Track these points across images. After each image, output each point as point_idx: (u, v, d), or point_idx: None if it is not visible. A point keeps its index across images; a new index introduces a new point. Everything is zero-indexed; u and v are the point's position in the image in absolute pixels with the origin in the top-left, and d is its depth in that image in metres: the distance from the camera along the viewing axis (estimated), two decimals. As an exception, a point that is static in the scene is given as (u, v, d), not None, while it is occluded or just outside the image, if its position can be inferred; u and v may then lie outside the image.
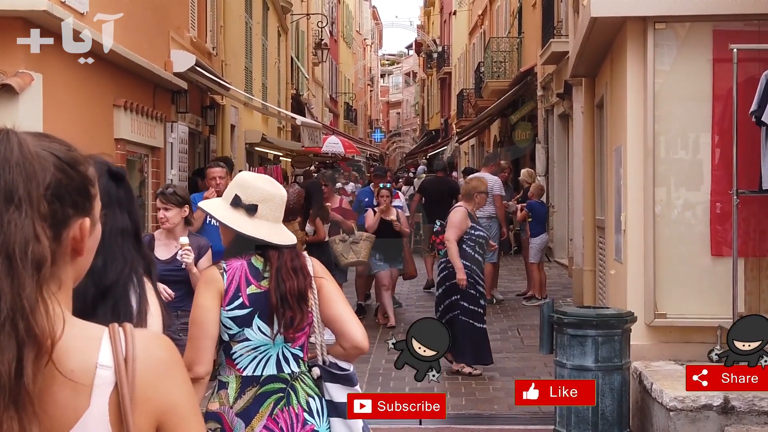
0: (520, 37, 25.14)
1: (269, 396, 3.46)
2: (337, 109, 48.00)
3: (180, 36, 13.57)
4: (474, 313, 9.04)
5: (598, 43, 8.99)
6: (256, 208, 3.51)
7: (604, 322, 6.65)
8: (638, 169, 7.85)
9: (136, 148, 11.45)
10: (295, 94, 28.60)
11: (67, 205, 1.43)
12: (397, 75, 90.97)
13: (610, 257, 9.33)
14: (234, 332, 3.43)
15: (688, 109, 7.86)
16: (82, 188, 1.46)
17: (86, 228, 1.46)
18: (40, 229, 1.37)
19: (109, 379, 1.42)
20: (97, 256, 1.53)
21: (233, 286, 3.44)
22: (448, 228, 9.10)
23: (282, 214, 3.61)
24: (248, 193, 3.53)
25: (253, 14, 21.16)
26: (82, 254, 1.47)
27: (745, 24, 7.66)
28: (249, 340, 3.44)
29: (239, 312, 3.42)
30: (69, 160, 1.44)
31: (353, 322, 3.57)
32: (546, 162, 19.50)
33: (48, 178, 1.39)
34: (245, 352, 3.45)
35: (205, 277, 3.51)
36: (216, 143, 16.52)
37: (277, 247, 3.50)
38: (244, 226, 3.50)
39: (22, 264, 1.34)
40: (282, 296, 3.44)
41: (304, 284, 3.49)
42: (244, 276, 3.46)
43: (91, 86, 9.83)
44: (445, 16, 50.65)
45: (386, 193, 11.70)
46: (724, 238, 7.78)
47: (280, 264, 3.48)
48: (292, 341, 3.49)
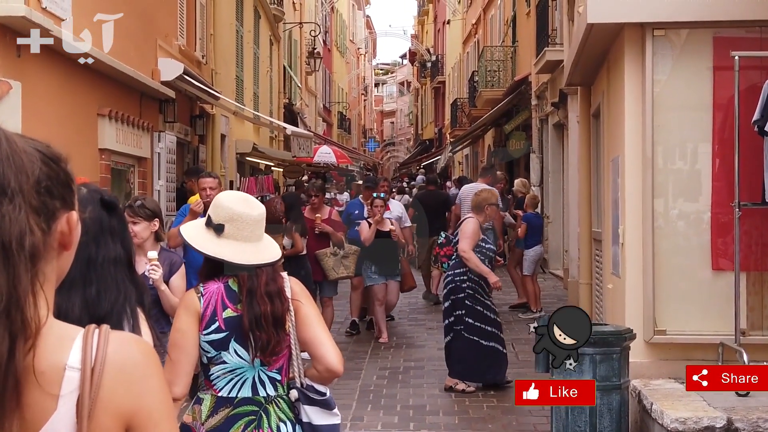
0: (514, 46, 24.98)
1: (241, 418, 3.47)
2: (331, 118, 47.81)
3: (168, 44, 13.32)
4: (480, 330, 8.75)
5: (594, 50, 8.74)
6: (222, 227, 3.49)
7: (602, 340, 6.44)
8: (637, 180, 7.61)
9: (121, 158, 11.19)
10: (288, 103, 28.38)
11: (56, 198, 1.43)
12: (391, 84, 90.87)
13: (607, 271, 9.08)
14: (212, 355, 3.46)
15: (688, 118, 7.62)
16: (66, 182, 1.46)
17: (74, 221, 1.47)
18: (33, 222, 1.38)
19: (76, 382, 1.40)
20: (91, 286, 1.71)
21: (210, 309, 3.46)
22: (461, 239, 8.81)
23: (255, 233, 3.54)
24: (217, 213, 3.53)
25: (245, 22, 20.94)
26: (69, 249, 1.48)
27: (747, 31, 7.42)
28: (226, 363, 3.46)
29: (216, 336, 3.44)
30: (52, 155, 1.45)
31: (328, 345, 3.52)
32: (540, 172, 19.34)
33: (36, 172, 1.40)
34: (222, 374, 3.48)
35: (184, 301, 3.55)
36: (206, 153, 16.26)
37: (248, 269, 3.47)
38: (207, 246, 3.49)
39: (18, 256, 1.34)
40: (255, 320, 3.42)
41: (281, 309, 3.48)
42: (221, 299, 3.47)
43: (73, 95, 9.58)
44: (439, 25, 50.55)
45: (380, 203, 11.39)
46: (725, 252, 7.54)
47: (253, 286, 3.46)
48: (269, 364, 3.49)
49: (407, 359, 10.55)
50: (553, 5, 17.06)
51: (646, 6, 7.42)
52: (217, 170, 16.83)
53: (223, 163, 17.86)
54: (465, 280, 8.74)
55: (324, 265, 10.84)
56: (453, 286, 8.82)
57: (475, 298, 8.76)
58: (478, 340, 8.72)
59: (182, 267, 5.77)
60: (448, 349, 9.01)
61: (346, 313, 12.55)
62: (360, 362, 10.34)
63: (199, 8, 15.83)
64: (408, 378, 9.59)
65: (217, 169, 16.82)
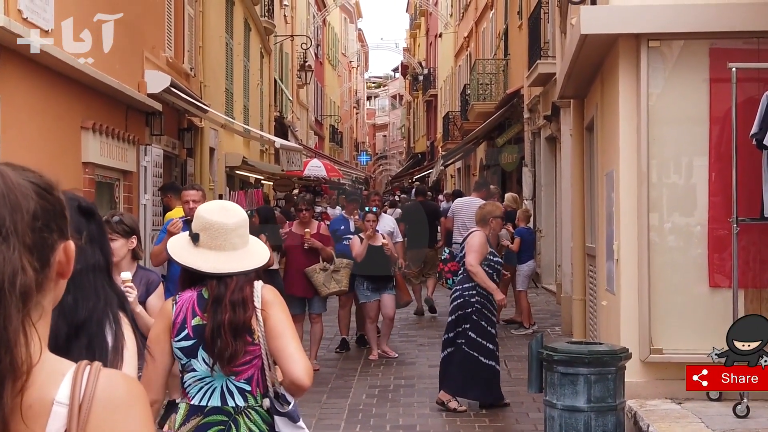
0: (507, 59, 24.86)
1: (210, 427, 3.48)
2: (323, 131, 47.65)
3: (155, 56, 13.13)
4: (481, 347, 8.50)
5: (587, 62, 8.57)
6: (198, 237, 3.53)
7: (597, 360, 6.26)
8: (632, 195, 7.44)
9: (106, 172, 10.96)
10: (279, 116, 28.20)
11: (53, 230, 1.44)
12: (383, 98, 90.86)
13: (601, 287, 8.89)
14: (184, 362, 3.51)
15: (684, 131, 7.45)
16: (61, 212, 1.47)
17: (71, 250, 1.48)
18: (26, 261, 1.38)
19: (63, 418, 1.40)
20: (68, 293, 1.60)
21: (180, 317, 3.50)
22: (468, 253, 8.52)
23: (230, 242, 3.53)
24: (195, 223, 3.59)
25: (234, 35, 20.76)
26: (66, 277, 1.49)
27: (744, 42, 7.27)
28: (196, 370, 3.49)
29: (185, 343, 3.49)
30: (45, 186, 1.45)
31: (295, 357, 3.43)
32: (533, 185, 19.20)
33: (32, 207, 1.40)
34: (193, 381, 3.51)
35: (161, 309, 3.64)
36: (194, 167, 16.04)
37: (216, 277, 3.48)
38: (182, 255, 3.54)
39: (9, 296, 1.34)
40: (215, 329, 3.42)
41: (242, 318, 3.43)
42: (192, 307, 3.50)
43: (55, 108, 9.37)
44: (431, 38, 50.49)
45: (372, 218, 11.15)
46: (722, 268, 7.37)
47: (219, 294, 3.46)
48: (235, 375, 3.47)
49: (397, 377, 10.33)
50: (545, 18, 16.96)
51: (641, 17, 7.26)
52: (206, 184, 16.63)
53: (212, 176, 17.65)
54: (474, 295, 8.46)
55: (314, 281, 10.61)
56: (461, 301, 8.53)
57: (482, 314, 8.52)
58: (477, 356, 8.48)
59: (160, 287, 5.54)
60: (444, 363, 8.75)
61: (336, 330, 12.33)
62: (349, 380, 10.13)
63: (188, 20, 15.64)
64: (398, 396, 9.37)
65: (206, 182, 16.62)
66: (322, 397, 9.20)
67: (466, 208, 13.68)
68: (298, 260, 10.62)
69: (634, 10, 7.28)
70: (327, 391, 9.53)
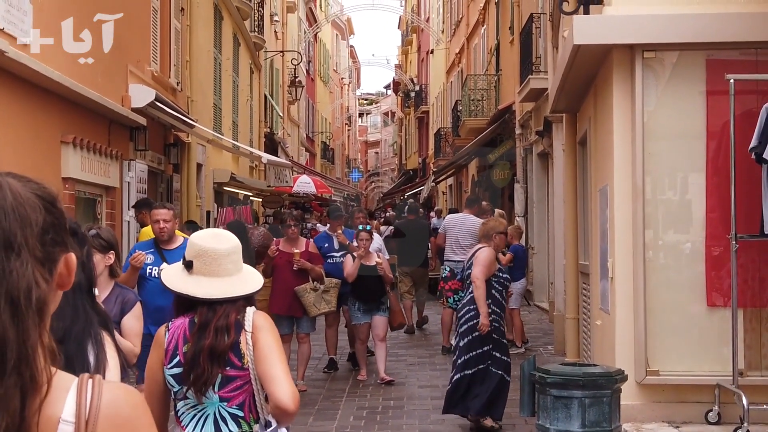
0: (498, 75, 24.69)
1: None
2: (314, 148, 47.47)
3: (140, 70, 12.88)
4: (506, 365, 8.23)
5: (580, 74, 8.34)
6: (191, 264, 3.55)
7: (592, 382, 6.05)
8: (626, 211, 7.19)
9: (87, 187, 10.69)
10: (269, 132, 27.97)
11: (57, 243, 1.44)
12: (375, 115, 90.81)
13: (595, 306, 8.64)
14: (176, 390, 3.47)
15: (680, 145, 7.22)
16: (63, 225, 1.47)
17: (72, 262, 1.47)
18: (39, 274, 1.38)
19: None
20: None
21: (172, 344, 3.49)
22: (475, 266, 8.17)
23: (223, 268, 3.56)
24: (188, 251, 3.60)
25: (223, 50, 20.54)
26: (66, 288, 1.48)
27: (741, 53, 7.06)
28: (188, 398, 3.46)
29: (177, 370, 3.46)
30: (50, 198, 1.45)
31: (280, 381, 3.39)
32: (525, 202, 18.99)
33: (41, 220, 1.40)
34: (186, 409, 3.49)
35: (155, 337, 3.58)
36: (180, 183, 15.77)
37: (206, 303, 3.48)
38: (173, 281, 3.55)
39: (26, 311, 1.35)
40: (194, 354, 3.42)
41: (224, 344, 3.42)
42: (183, 334, 3.49)
43: (34, 121, 9.11)
44: (423, 55, 50.37)
45: (366, 236, 10.79)
46: (720, 287, 7.13)
47: (206, 320, 3.46)
48: (228, 400, 3.45)
49: (386, 398, 10.05)
50: (536, 33, 16.79)
51: (636, 27, 7.03)
52: (193, 200, 16.37)
53: (200, 192, 17.38)
54: (490, 314, 8.18)
55: (304, 301, 10.31)
56: (477, 322, 8.23)
57: (500, 331, 8.27)
58: (503, 374, 8.18)
59: (137, 306, 5.25)
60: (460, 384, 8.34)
61: (324, 350, 12.05)
62: (337, 401, 9.85)
63: (174, 34, 15.40)
64: (386, 419, 9.09)
65: (193, 198, 16.35)
66: (308, 419, 8.93)
67: (458, 224, 13.47)
68: (286, 279, 10.32)
69: (628, 20, 7.05)
70: (314, 413, 9.25)
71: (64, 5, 9.44)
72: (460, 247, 13.16)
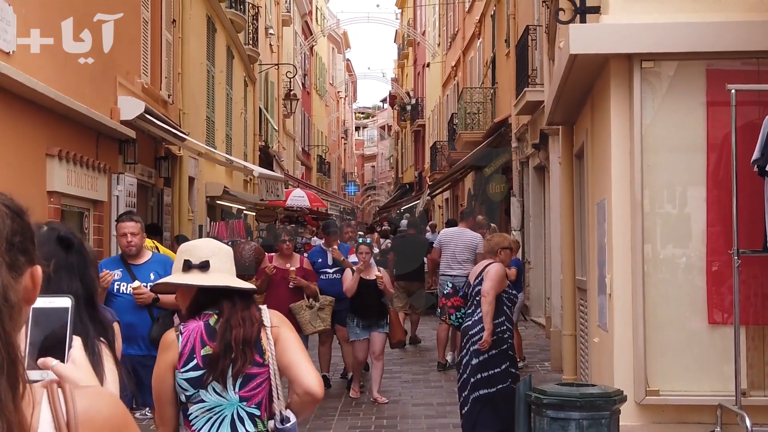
0: (494, 88, 24.54)
1: None
2: (310, 161, 47.27)
3: (129, 81, 12.67)
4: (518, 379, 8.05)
5: (577, 85, 8.13)
6: (208, 263, 3.56)
7: (590, 403, 5.84)
8: (624, 225, 6.98)
9: (73, 201, 10.46)
10: (264, 146, 27.76)
11: (24, 253, 1.42)
12: (371, 128, 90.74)
13: (593, 322, 8.41)
14: (190, 394, 3.45)
15: (680, 157, 7.01)
16: (31, 237, 1.45)
17: (38, 276, 1.46)
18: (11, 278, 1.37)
19: None
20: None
21: (188, 347, 3.47)
22: (486, 280, 7.95)
23: (233, 267, 3.65)
24: (196, 254, 3.60)
25: (216, 62, 20.34)
26: (31, 303, 1.46)
27: (743, 63, 6.85)
28: (204, 401, 3.45)
29: (194, 374, 3.45)
30: (17, 209, 1.44)
31: (307, 368, 3.50)
32: (521, 216, 18.80)
33: (7, 228, 1.39)
34: (200, 413, 3.46)
35: (163, 342, 3.55)
36: (171, 196, 15.54)
37: (232, 299, 3.52)
38: (203, 280, 3.54)
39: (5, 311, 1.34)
40: (226, 345, 3.43)
41: (251, 331, 3.47)
42: (200, 337, 3.48)
43: (17, 133, 8.89)
44: (419, 68, 50.26)
45: (366, 250, 10.50)
46: (721, 304, 6.90)
47: (231, 314, 3.49)
48: (248, 399, 3.47)
49: (379, 416, 9.82)
50: (532, 45, 16.64)
51: (634, 36, 6.83)
52: (184, 214, 16.14)
53: (191, 206, 17.15)
54: (505, 331, 7.95)
55: (300, 319, 10.04)
56: (495, 338, 7.97)
57: (512, 347, 8.10)
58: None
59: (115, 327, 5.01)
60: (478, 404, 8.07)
61: (317, 367, 11.81)
62: (329, 420, 9.61)
63: (165, 46, 15.19)
64: (379, 439, 8.87)
65: (184, 212, 16.13)
66: (298, 440, 8.68)
67: (455, 239, 13.27)
68: (281, 296, 10.04)
69: (626, 29, 6.84)
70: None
71: (55, 8, 9.23)
72: (456, 262, 12.96)
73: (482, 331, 7.87)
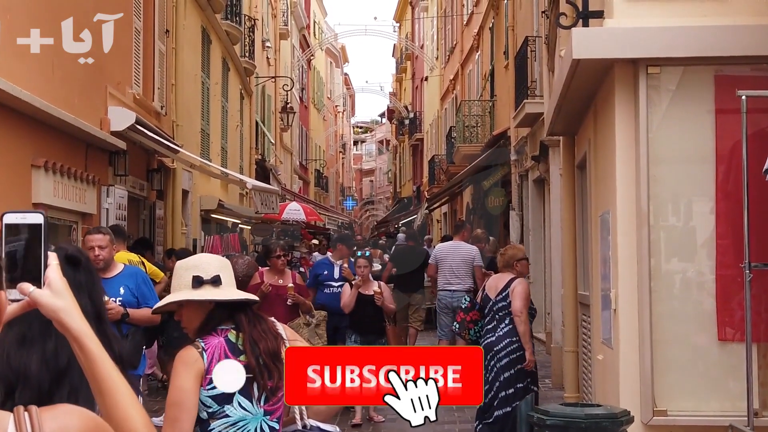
0: (493, 100, 24.30)
1: None
2: (308, 176, 47.05)
3: (120, 92, 12.41)
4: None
5: (579, 92, 7.85)
6: (219, 278, 3.55)
7: (595, 424, 5.57)
8: (630, 238, 6.69)
9: (61, 213, 10.17)
10: (260, 159, 27.50)
11: None
12: (370, 143, 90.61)
13: (596, 339, 8.12)
14: (213, 410, 3.45)
15: (688, 167, 6.73)
16: None
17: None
18: None
19: None
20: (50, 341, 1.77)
21: (214, 364, 3.45)
22: (516, 299, 8.16)
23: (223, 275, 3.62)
24: (205, 269, 3.58)
25: (211, 74, 20.09)
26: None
27: (752, 68, 6.57)
28: (229, 416, 3.46)
29: (219, 390, 3.44)
30: None
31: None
32: (521, 230, 18.54)
33: None
34: (224, 428, 3.47)
35: (184, 358, 3.48)
36: (164, 209, 15.25)
37: (246, 313, 3.55)
38: (220, 294, 3.52)
39: None
40: (257, 358, 3.45)
41: (276, 343, 3.51)
42: (224, 353, 3.48)
43: (1, 144, 8.61)
44: (417, 82, 50.09)
45: (364, 263, 10.19)
46: (732, 319, 6.60)
47: (251, 329, 3.51)
48: (271, 413, 3.51)
49: (375, 436, 9.52)
50: (532, 57, 16.41)
51: (639, 40, 6.55)
52: (178, 227, 15.84)
53: (185, 220, 16.86)
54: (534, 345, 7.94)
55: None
56: (518, 355, 8.06)
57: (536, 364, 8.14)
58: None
59: None
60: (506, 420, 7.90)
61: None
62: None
63: (158, 56, 14.94)
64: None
65: (178, 226, 15.83)
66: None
67: (451, 253, 13.02)
68: (277, 313, 9.68)
69: (631, 33, 6.56)
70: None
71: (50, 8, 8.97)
72: (455, 276, 12.71)
73: (508, 346, 8.02)
